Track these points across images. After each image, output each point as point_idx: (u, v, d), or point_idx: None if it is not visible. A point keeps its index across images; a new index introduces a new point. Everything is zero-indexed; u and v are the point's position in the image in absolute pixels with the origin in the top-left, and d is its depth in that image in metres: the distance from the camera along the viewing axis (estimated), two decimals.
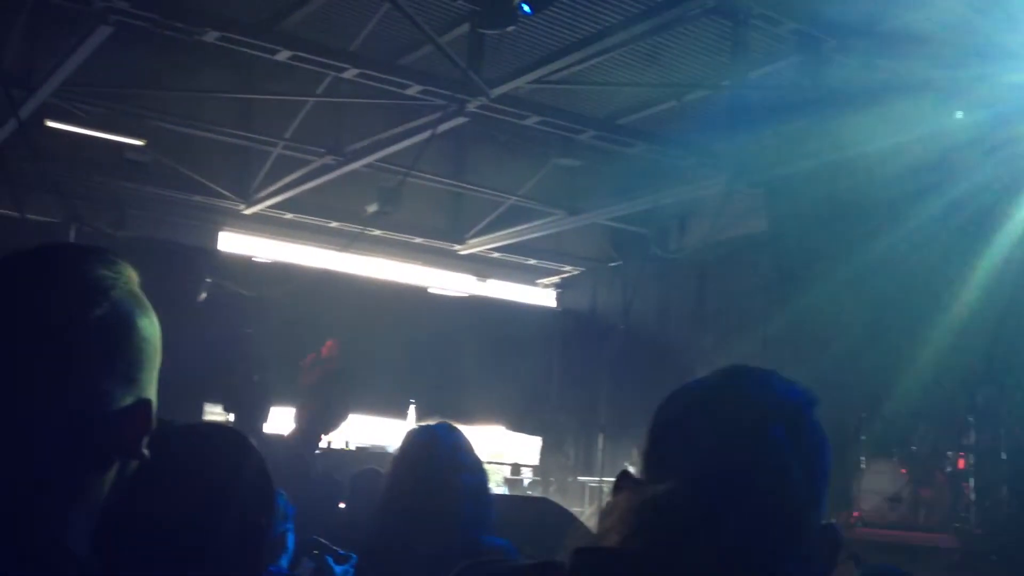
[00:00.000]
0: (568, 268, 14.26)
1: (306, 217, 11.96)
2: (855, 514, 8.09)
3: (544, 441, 13.60)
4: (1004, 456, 7.56)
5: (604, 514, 1.15)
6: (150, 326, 1.17)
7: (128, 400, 1.12)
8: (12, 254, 1.14)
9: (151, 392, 1.16)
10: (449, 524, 2.54)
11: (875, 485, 8.11)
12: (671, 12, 7.89)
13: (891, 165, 8.85)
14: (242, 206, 11.56)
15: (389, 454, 10.81)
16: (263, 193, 11.29)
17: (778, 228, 10.52)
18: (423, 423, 2.82)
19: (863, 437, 8.51)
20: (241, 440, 1.77)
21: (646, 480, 1.16)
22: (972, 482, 7.59)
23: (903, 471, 8.01)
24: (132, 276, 1.19)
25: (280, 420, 10.93)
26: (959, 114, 8.12)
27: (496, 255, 13.51)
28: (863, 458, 8.39)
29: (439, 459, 2.63)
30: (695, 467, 1.10)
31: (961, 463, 7.77)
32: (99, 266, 1.16)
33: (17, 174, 9.24)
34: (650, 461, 1.19)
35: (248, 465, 1.71)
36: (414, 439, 2.74)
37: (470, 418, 11.72)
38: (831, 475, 1.18)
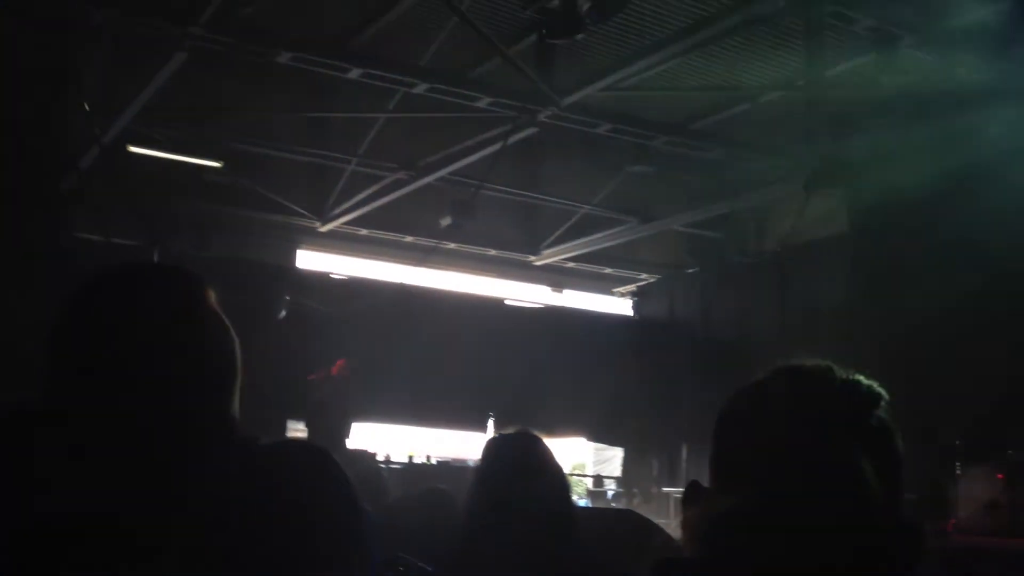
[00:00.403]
0: (644, 276, 14.13)
1: (381, 232, 12.07)
2: (951, 522, 7.84)
3: (626, 452, 13.47)
4: None
5: (681, 528, 1.13)
6: (230, 343, 1.21)
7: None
8: (101, 273, 1.19)
9: (235, 408, 1.20)
10: (536, 536, 2.50)
11: (971, 492, 7.84)
12: (742, 13, 7.78)
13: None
14: (318, 223, 11.71)
15: (470, 468, 10.81)
16: (338, 210, 11.42)
17: (860, 229, 10.30)
18: (501, 434, 2.78)
19: (957, 442, 8.26)
20: (326, 457, 1.76)
21: (715, 490, 1.14)
22: None
23: (1000, 476, 7.73)
24: (211, 294, 1.24)
25: (360, 435, 11.06)
26: None
27: (571, 265, 13.45)
28: (958, 464, 8.13)
29: (520, 469, 2.59)
30: (761, 476, 1.08)
31: None
32: (182, 284, 1.20)
33: (101, 199, 9.48)
34: (717, 471, 1.17)
35: (335, 482, 1.70)
36: (494, 450, 2.71)
37: (550, 430, 11.64)
38: (903, 470, 1.13)
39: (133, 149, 10.09)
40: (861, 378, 1.16)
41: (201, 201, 10.97)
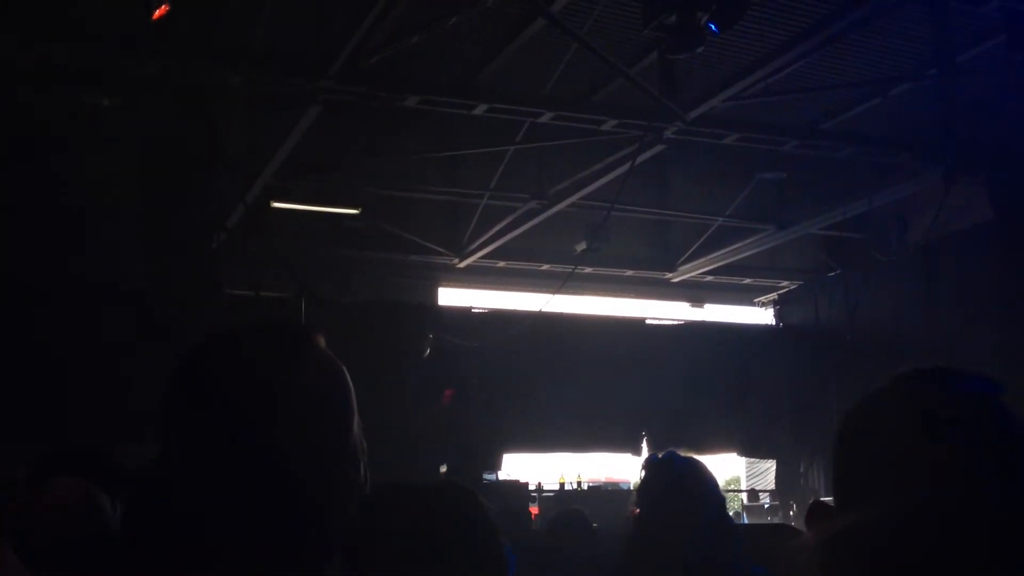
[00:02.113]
0: (785, 283, 13.89)
1: (517, 263, 12.23)
2: None
3: (778, 464, 13.21)
4: None
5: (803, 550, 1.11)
6: (338, 386, 1.22)
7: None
8: (204, 339, 1.23)
9: (349, 449, 1.20)
10: (705, 554, 2.52)
11: None
12: (864, 8, 7.65)
13: None
14: (456, 260, 11.94)
15: (624, 491, 10.76)
16: (474, 245, 11.63)
17: (1005, 214, 9.92)
18: (657, 454, 2.80)
19: None
20: (472, 498, 1.81)
21: (837, 507, 1.11)
22: None
23: None
24: (318, 340, 1.25)
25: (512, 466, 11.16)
26: None
27: (709, 278, 13.34)
28: None
29: (677, 491, 2.61)
30: (876, 492, 1.04)
31: None
32: (278, 339, 1.21)
33: (249, 254, 9.90)
34: (837, 486, 1.14)
35: (479, 523, 1.75)
36: (655, 471, 2.73)
37: (702, 446, 11.55)
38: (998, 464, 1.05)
39: (276, 204, 10.49)
40: (978, 376, 1.11)
41: (342, 248, 11.33)
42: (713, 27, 7.24)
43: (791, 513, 12.04)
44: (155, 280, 8.61)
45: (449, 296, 12.55)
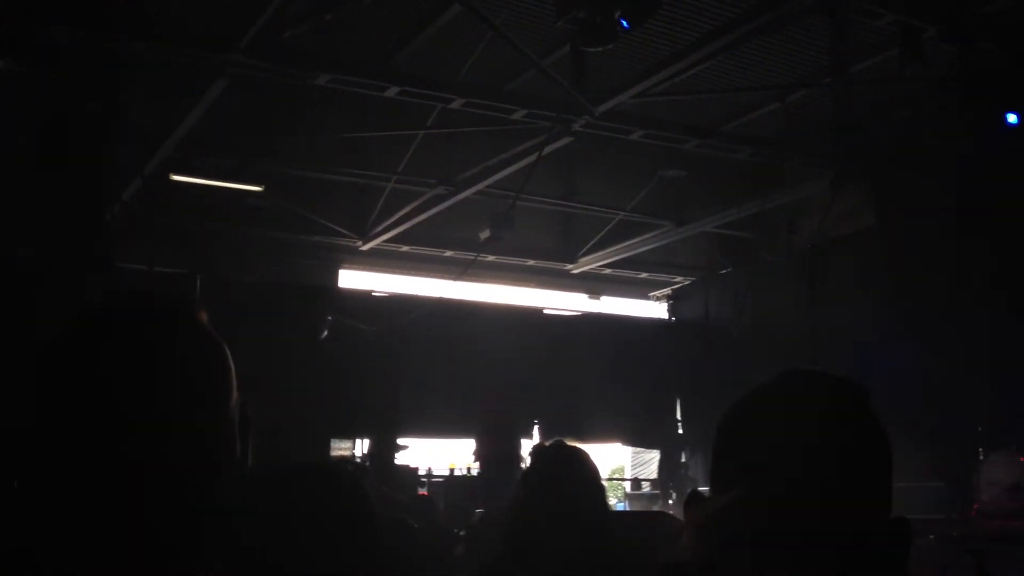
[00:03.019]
0: (679, 279, 14.25)
1: (421, 248, 12.25)
2: (975, 507, 7.90)
3: (663, 454, 13.53)
4: None
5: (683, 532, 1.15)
6: (215, 361, 1.21)
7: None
8: (78, 316, 1.20)
9: (225, 429, 1.20)
10: (582, 540, 2.61)
11: (994, 476, 7.91)
12: (769, 14, 7.91)
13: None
14: (359, 243, 11.89)
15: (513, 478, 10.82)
16: (379, 228, 11.60)
17: (887, 223, 10.39)
18: (545, 443, 2.88)
19: (980, 428, 8.33)
20: (348, 480, 1.82)
21: (712, 494, 1.17)
22: None
23: (1022, 459, 7.80)
24: (203, 316, 1.24)
25: (412, 452, 11.17)
26: None
27: (608, 271, 13.59)
28: (981, 450, 8.20)
29: (559, 479, 2.70)
30: (750, 477, 1.10)
31: None
32: (154, 315, 1.21)
33: (145, 228, 9.66)
34: (713, 476, 1.21)
35: (354, 506, 1.76)
36: (540, 460, 2.81)
37: (591, 435, 11.77)
38: (892, 467, 1.15)
39: (175, 178, 10.26)
40: (851, 378, 1.20)
41: (243, 226, 11.15)
42: (625, 23, 7.41)
43: (670, 502, 12.35)
44: (43, 252, 8.32)
45: (351, 279, 12.50)
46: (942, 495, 8.40)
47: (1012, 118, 7.70)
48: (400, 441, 10.42)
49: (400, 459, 10.73)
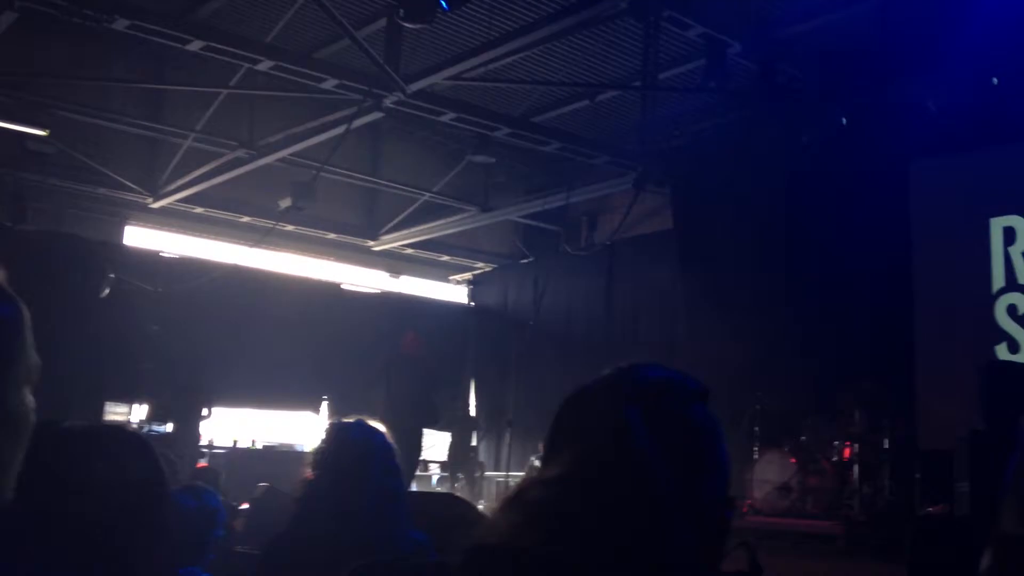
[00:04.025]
0: (481, 265, 14.35)
1: (217, 212, 11.79)
2: (748, 503, 8.35)
3: (452, 437, 13.63)
4: (886, 445, 7.89)
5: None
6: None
7: None
8: None
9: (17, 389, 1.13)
10: (371, 520, 2.58)
11: (766, 475, 8.38)
12: (585, 12, 8.02)
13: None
14: (150, 199, 11.33)
15: (297, 453, 10.67)
16: (172, 187, 11.08)
17: (681, 226, 10.79)
18: (341, 420, 2.83)
19: (756, 428, 8.80)
20: (139, 442, 1.76)
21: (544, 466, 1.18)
22: (856, 470, 7.92)
23: (793, 460, 8.27)
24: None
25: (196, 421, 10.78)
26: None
27: (410, 251, 13.52)
28: (756, 448, 8.66)
29: (360, 457, 2.66)
30: (559, 464, 1.12)
31: (847, 452, 8.09)
32: None
33: None
34: (543, 462, 1.22)
35: (143, 467, 1.70)
36: (335, 437, 2.76)
37: (381, 414, 11.70)
38: (709, 458, 1.18)
39: None
40: (676, 371, 1.22)
41: (22, 171, 10.44)
42: (444, 4, 7.35)
43: (456, 485, 12.45)
44: None
45: (138, 237, 11.89)
46: None
47: (937, 105, 7.98)
48: (184, 408, 10.04)
49: (183, 427, 10.37)
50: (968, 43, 7.58)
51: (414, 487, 12.97)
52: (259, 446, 11.28)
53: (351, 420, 2.78)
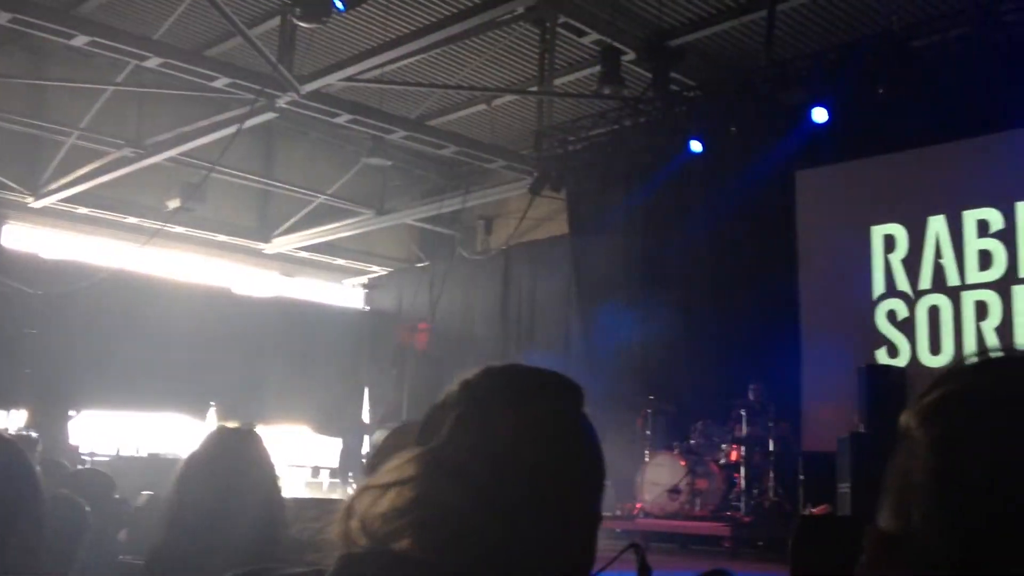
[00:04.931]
0: (376, 269, 14.23)
1: (102, 212, 11.41)
2: (638, 505, 8.47)
3: (344, 443, 13.48)
4: (771, 447, 8.11)
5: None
6: None
7: None
8: None
9: None
10: (243, 526, 2.55)
11: (657, 477, 8.50)
12: (482, 16, 8.05)
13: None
14: (30, 199, 10.90)
15: (179, 460, 10.44)
16: (54, 185, 10.69)
17: (576, 232, 10.88)
18: (223, 425, 2.80)
19: (648, 432, 8.93)
20: (18, 452, 1.74)
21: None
22: (743, 472, 8.12)
23: (683, 463, 8.41)
24: None
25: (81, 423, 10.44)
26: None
27: (303, 254, 13.33)
28: (647, 452, 8.79)
29: (233, 462, 2.63)
30: (416, 464, 1.11)
31: (734, 455, 8.28)
32: None
33: None
34: (424, 431, 1.20)
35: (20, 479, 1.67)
36: (213, 442, 2.73)
37: (274, 420, 11.52)
38: (584, 462, 1.17)
39: None
40: (561, 375, 1.20)
41: None
42: (339, 4, 7.28)
43: (348, 491, 12.34)
44: None
45: (16, 237, 11.42)
46: (608, 494, 8.90)
47: (822, 115, 8.08)
48: (49, 412, 9.69)
49: (66, 433, 10.04)
50: (854, 54, 7.84)
51: (306, 493, 12.83)
52: (143, 454, 10.97)
53: (232, 425, 2.74)
